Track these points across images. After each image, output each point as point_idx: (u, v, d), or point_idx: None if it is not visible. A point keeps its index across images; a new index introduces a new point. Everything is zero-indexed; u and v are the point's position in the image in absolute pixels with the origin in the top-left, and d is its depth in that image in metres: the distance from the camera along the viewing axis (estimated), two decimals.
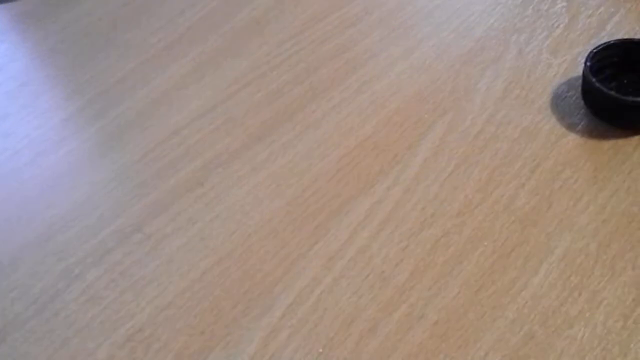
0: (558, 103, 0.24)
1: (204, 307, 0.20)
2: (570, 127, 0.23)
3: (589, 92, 0.23)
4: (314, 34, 0.30)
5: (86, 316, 0.20)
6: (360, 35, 0.29)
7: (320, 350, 0.19)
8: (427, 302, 0.19)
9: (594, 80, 0.22)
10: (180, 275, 0.21)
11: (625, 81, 0.24)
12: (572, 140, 0.23)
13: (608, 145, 0.23)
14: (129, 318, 0.20)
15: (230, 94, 0.28)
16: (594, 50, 0.24)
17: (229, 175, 0.24)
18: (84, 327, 0.20)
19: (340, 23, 0.30)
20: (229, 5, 0.32)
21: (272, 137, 0.25)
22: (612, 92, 0.22)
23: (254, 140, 0.25)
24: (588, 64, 0.23)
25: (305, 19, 0.31)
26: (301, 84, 0.27)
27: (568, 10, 0.28)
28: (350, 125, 0.25)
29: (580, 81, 0.24)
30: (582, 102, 0.24)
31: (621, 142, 0.23)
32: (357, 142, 0.25)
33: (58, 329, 0.20)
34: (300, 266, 0.21)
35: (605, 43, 0.24)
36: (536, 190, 0.22)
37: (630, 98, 0.22)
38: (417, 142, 0.24)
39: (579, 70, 0.25)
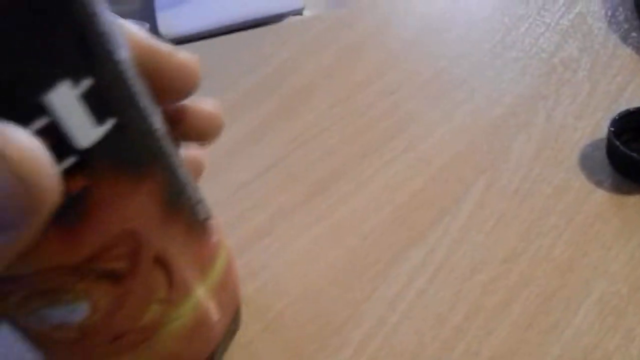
0: (585, 163, 0.28)
1: (281, 344, 0.23)
2: (598, 184, 0.27)
3: (613, 154, 0.27)
4: (360, 100, 0.33)
5: None
6: (402, 101, 0.33)
7: None
8: (481, 340, 0.22)
9: (617, 143, 0.26)
10: (258, 316, 0.24)
11: None
12: (600, 196, 0.26)
13: (633, 200, 0.26)
14: None
15: (288, 152, 0.31)
16: (616, 117, 0.27)
17: (293, 225, 0.27)
18: None
19: (383, 90, 0.34)
20: (280, 73, 0.36)
21: (330, 191, 0.28)
22: (635, 154, 0.25)
23: (313, 194, 0.28)
24: (612, 129, 0.26)
25: (351, 86, 0.34)
26: (352, 144, 0.31)
27: (589, 79, 0.32)
28: (401, 181, 0.28)
29: (604, 142, 0.28)
30: (607, 162, 0.27)
31: None
32: (408, 196, 0.28)
33: None
34: (365, 309, 0.24)
35: (626, 110, 0.27)
36: (571, 241, 0.25)
37: None
38: (462, 197, 0.27)
39: (602, 132, 0.28)
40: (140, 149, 0.15)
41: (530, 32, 0.35)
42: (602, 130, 0.29)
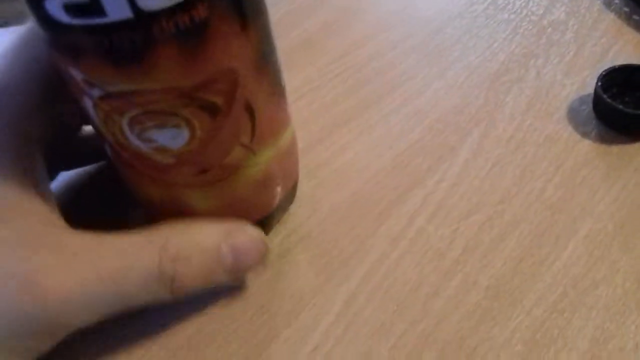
0: (573, 115, 0.29)
1: (292, 276, 0.24)
2: (585, 134, 0.28)
3: (599, 106, 0.28)
4: (359, 56, 0.34)
5: None
6: (399, 58, 0.34)
7: (395, 308, 0.23)
8: (479, 271, 0.24)
9: (604, 96, 0.28)
10: (269, 254, 0.25)
11: (626, 99, 0.29)
12: (587, 145, 0.28)
13: (616, 149, 0.27)
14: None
15: (290, 102, 0.32)
16: (603, 73, 0.29)
17: (299, 170, 0.28)
18: None
19: (381, 48, 0.35)
20: (281, 27, 0.37)
21: (332, 139, 0.30)
22: (620, 106, 0.27)
23: (316, 142, 0.30)
24: (599, 83, 0.28)
25: (350, 43, 0.35)
26: (352, 97, 0.32)
27: (576, 40, 0.33)
28: (400, 131, 0.30)
29: (590, 98, 0.29)
30: (593, 115, 0.29)
31: (627, 147, 0.27)
32: (407, 144, 0.29)
33: None
34: (370, 244, 0.25)
35: (611, 67, 0.29)
36: (561, 184, 0.26)
37: (633, 110, 0.27)
38: (459, 145, 0.29)
39: (588, 89, 0.30)
40: None
41: None
42: (589, 87, 0.30)
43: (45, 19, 0.15)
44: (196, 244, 0.20)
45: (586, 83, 0.31)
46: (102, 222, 0.20)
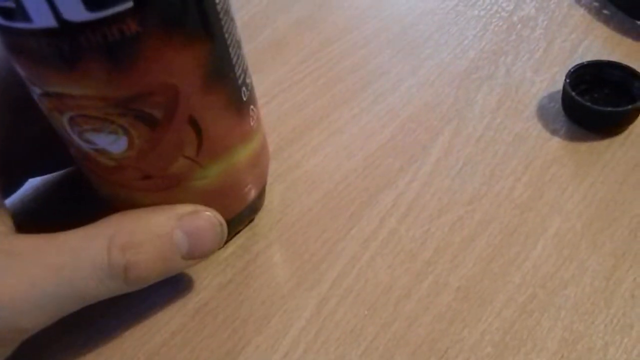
0: (542, 113, 0.29)
1: (262, 282, 0.24)
2: (554, 132, 0.28)
3: (568, 103, 0.28)
4: (330, 53, 0.34)
5: None
6: (371, 55, 0.34)
7: (366, 312, 0.23)
8: (449, 273, 0.24)
9: (573, 93, 0.28)
10: (239, 259, 0.25)
11: (595, 95, 0.29)
12: (556, 143, 0.28)
13: (585, 146, 0.28)
14: (195, 292, 0.24)
15: (261, 104, 0.31)
16: (571, 70, 0.29)
17: (270, 172, 0.28)
18: None
19: (352, 45, 0.34)
20: (249, 28, 0.36)
21: (303, 141, 0.29)
22: (588, 103, 0.27)
23: (287, 144, 0.29)
24: (567, 80, 0.28)
25: (321, 40, 0.35)
26: (323, 96, 0.32)
27: (545, 37, 0.33)
28: (371, 130, 0.30)
29: (559, 95, 0.30)
30: (562, 112, 0.29)
31: (595, 144, 0.28)
32: (378, 144, 0.29)
33: None
34: (341, 247, 0.25)
35: (579, 64, 0.29)
36: (530, 183, 0.26)
37: (601, 108, 0.27)
38: (430, 144, 0.29)
39: (557, 86, 0.30)
40: (193, 11, 0.17)
41: None
42: (558, 84, 0.30)
43: None
44: (148, 230, 0.19)
45: (556, 80, 0.31)
46: (61, 223, 0.19)
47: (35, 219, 0.26)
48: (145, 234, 0.19)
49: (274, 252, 0.25)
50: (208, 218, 0.21)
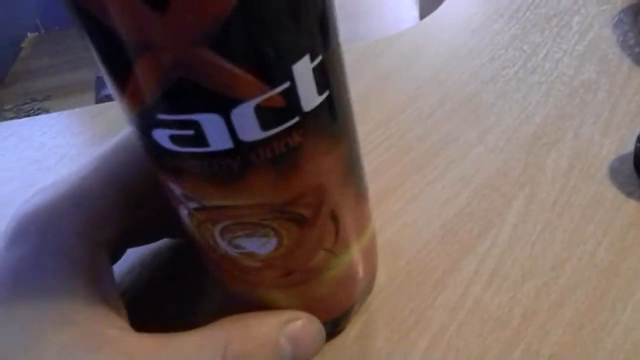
0: (615, 175, 0.30)
1: (352, 354, 0.25)
2: (629, 195, 0.29)
3: None
4: (399, 123, 0.36)
5: None
6: (438, 123, 0.35)
7: None
8: (540, 340, 0.24)
9: None
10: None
11: None
12: (633, 206, 0.28)
13: None
14: None
15: None
16: None
17: None
18: None
19: (419, 114, 0.36)
20: None
21: (380, 210, 0.31)
22: None
23: None
24: (638, 144, 0.29)
25: (388, 111, 0.37)
26: (396, 164, 0.33)
27: (609, 99, 0.34)
28: (445, 198, 0.31)
29: (630, 157, 0.30)
30: (634, 174, 0.30)
31: None
32: (454, 212, 0.30)
33: None
34: (429, 316, 0.26)
35: None
36: (611, 247, 0.27)
37: None
38: (506, 210, 0.29)
39: (627, 148, 0.31)
40: (340, 118, 0.19)
41: (549, 57, 0.38)
42: (627, 146, 0.31)
43: (151, 144, 0.17)
44: (257, 339, 0.21)
45: (624, 141, 0.32)
46: (168, 314, 0.21)
47: (146, 300, 0.28)
48: (255, 343, 0.20)
49: (361, 324, 0.26)
50: (308, 323, 0.22)
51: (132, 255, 0.30)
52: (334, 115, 0.18)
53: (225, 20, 0.14)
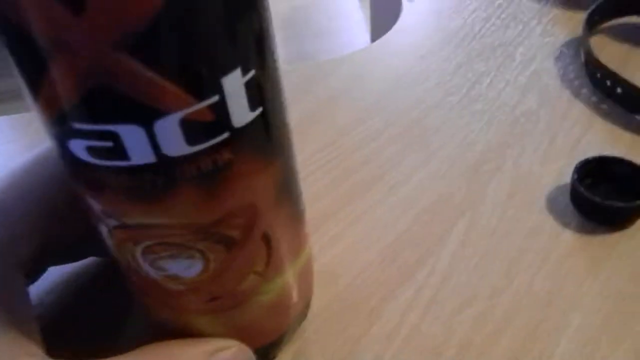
0: (552, 206, 0.30)
1: None
2: (565, 225, 0.29)
3: (577, 198, 0.29)
4: (344, 145, 0.35)
5: None
6: (382, 147, 0.35)
7: None
8: None
9: (582, 189, 0.29)
10: None
11: (601, 188, 0.30)
12: (569, 236, 0.29)
13: (597, 240, 0.28)
14: None
15: None
16: (578, 165, 0.30)
17: None
18: None
19: (364, 137, 0.36)
20: None
21: (320, 233, 0.30)
22: (597, 199, 0.28)
23: None
24: (575, 176, 0.29)
25: (334, 132, 0.36)
26: (339, 187, 0.32)
27: (548, 130, 0.35)
28: (386, 222, 0.30)
29: (566, 187, 0.31)
30: (571, 206, 0.30)
31: (607, 237, 0.28)
32: (394, 236, 0.29)
33: None
34: (363, 344, 0.25)
35: (586, 159, 0.30)
36: (548, 277, 0.27)
37: (611, 203, 0.28)
38: (445, 237, 0.29)
39: (564, 179, 0.31)
40: (274, 136, 0.18)
41: (492, 86, 0.39)
42: (564, 176, 0.32)
43: (67, 156, 0.15)
44: None
45: (562, 172, 0.32)
46: (89, 339, 0.19)
47: (66, 323, 0.26)
48: None
49: (294, 350, 0.25)
50: (240, 353, 0.21)
51: (54, 274, 0.28)
52: (267, 132, 0.17)
53: (148, 24, 0.13)
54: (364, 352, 0.24)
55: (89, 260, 0.28)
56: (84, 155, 0.15)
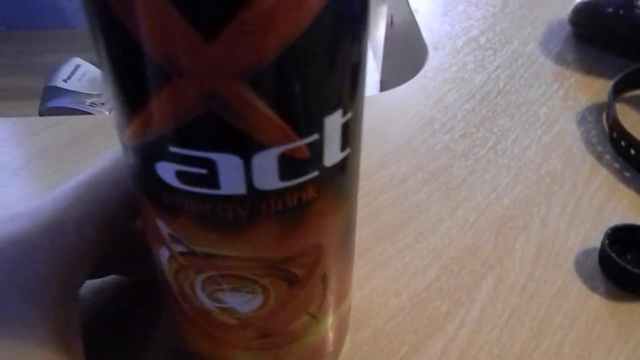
0: (580, 268, 0.30)
1: None
2: (594, 289, 0.29)
3: (607, 263, 0.30)
4: (371, 185, 0.35)
5: None
6: (409, 191, 0.35)
7: None
8: None
9: (613, 256, 0.29)
10: None
11: (628, 257, 0.30)
12: (598, 301, 0.29)
13: (625, 307, 0.28)
14: None
15: None
16: (609, 231, 0.30)
17: None
18: None
19: (391, 179, 0.36)
20: None
21: None
22: (629, 266, 0.28)
23: None
24: (606, 241, 0.30)
25: (361, 171, 0.36)
26: (365, 228, 0.32)
27: (574, 192, 0.35)
28: (416, 269, 0.30)
29: (594, 251, 0.31)
30: (598, 269, 0.30)
31: (635, 305, 0.28)
32: (424, 284, 0.29)
33: None
34: None
35: (616, 225, 0.30)
36: (577, 340, 0.27)
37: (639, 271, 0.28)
38: (475, 290, 0.29)
39: (591, 242, 0.32)
40: (352, 177, 0.18)
41: (517, 143, 0.39)
42: (591, 240, 0.32)
43: (150, 177, 0.15)
44: None
45: (589, 236, 0.32)
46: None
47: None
48: None
49: None
50: None
51: None
52: (349, 173, 0.17)
53: (275, 60, 0.13)
54: None
55: (109, 279, 0.27)
56: (171, 179, 0.15)
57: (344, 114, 0.15)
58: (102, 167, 0.19)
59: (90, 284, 0.27)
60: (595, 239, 0.31)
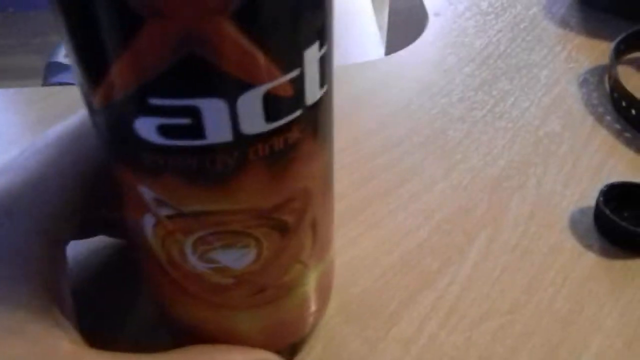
0: (575, 227, 0.30)
1: None
2: (587, 247, 0.29)
3: (601, 221, 0.29)
4: (366, 148, 0.35)
5: None
6: (404, 154, 0.35)
7: None
8: None
9: (607, 212, 0.28)
10: None
11: (625, 214, 0.30)
12: (591, 258, 0.28)
13: (619, 264, 0.28)
14: None
15: None
16: (604, 189, 0.30)
17: None
18: None
19: (387, 142, 0.35)
20: None
21: (340, 232, 0.29)
22: (624, 223, 0.28)
23: None
24: (601, 198, 0.29)
25: (356, 135, 0.36)
26: (359, 190, 0.32)
27: (571, 153, 0.35)
28: (407, 228, 0.30)
29: (590, 210, 0.30)
30: (594, 227, 0.30)
31: (629, 262, 0.28)
32: (416, 243, 0.29)
33: None
34: (381, 348, 0.24)
35: (611, 183, 0.30)
36: (569, 296, 0.27)
37: (635, 228, 0.28)
38: (467, 248, 0.29)
39: (587, 201, 0.31)
40: (329, 118, 0.17)
41: (516, 105, 0.39)
42: (587, 199, 0.31)
43: (127, 138, 0.14)
44: None
45: (584, 195, 0.32)
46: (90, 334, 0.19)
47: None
48: None
49: (310, 347, 0.24)
50: None
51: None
52: (328, 112, 0.17)
53: None
54: (380, 357, 0.24)
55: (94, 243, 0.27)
56: (151, 136, 0.14)
57: (321, 46, 0.15)
58: (82, 118, 0.19)
59: (77, 245, 0.27)
60: (592, 198, 0.31)
